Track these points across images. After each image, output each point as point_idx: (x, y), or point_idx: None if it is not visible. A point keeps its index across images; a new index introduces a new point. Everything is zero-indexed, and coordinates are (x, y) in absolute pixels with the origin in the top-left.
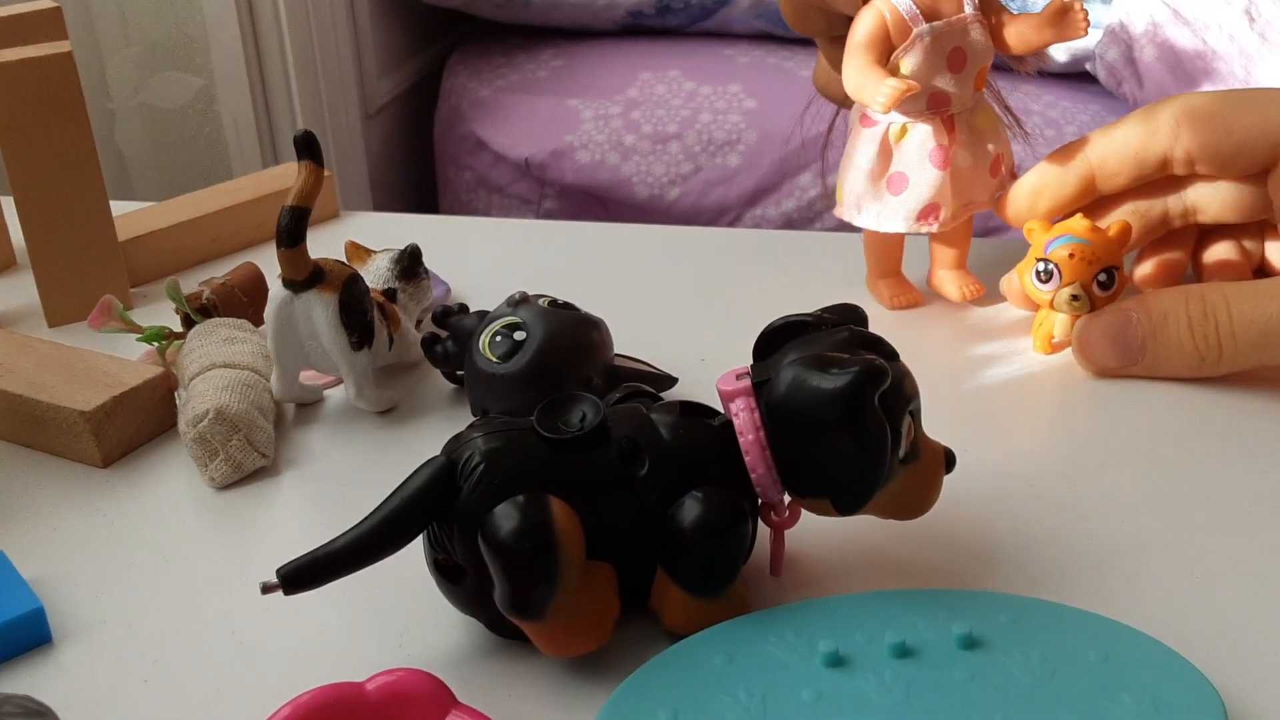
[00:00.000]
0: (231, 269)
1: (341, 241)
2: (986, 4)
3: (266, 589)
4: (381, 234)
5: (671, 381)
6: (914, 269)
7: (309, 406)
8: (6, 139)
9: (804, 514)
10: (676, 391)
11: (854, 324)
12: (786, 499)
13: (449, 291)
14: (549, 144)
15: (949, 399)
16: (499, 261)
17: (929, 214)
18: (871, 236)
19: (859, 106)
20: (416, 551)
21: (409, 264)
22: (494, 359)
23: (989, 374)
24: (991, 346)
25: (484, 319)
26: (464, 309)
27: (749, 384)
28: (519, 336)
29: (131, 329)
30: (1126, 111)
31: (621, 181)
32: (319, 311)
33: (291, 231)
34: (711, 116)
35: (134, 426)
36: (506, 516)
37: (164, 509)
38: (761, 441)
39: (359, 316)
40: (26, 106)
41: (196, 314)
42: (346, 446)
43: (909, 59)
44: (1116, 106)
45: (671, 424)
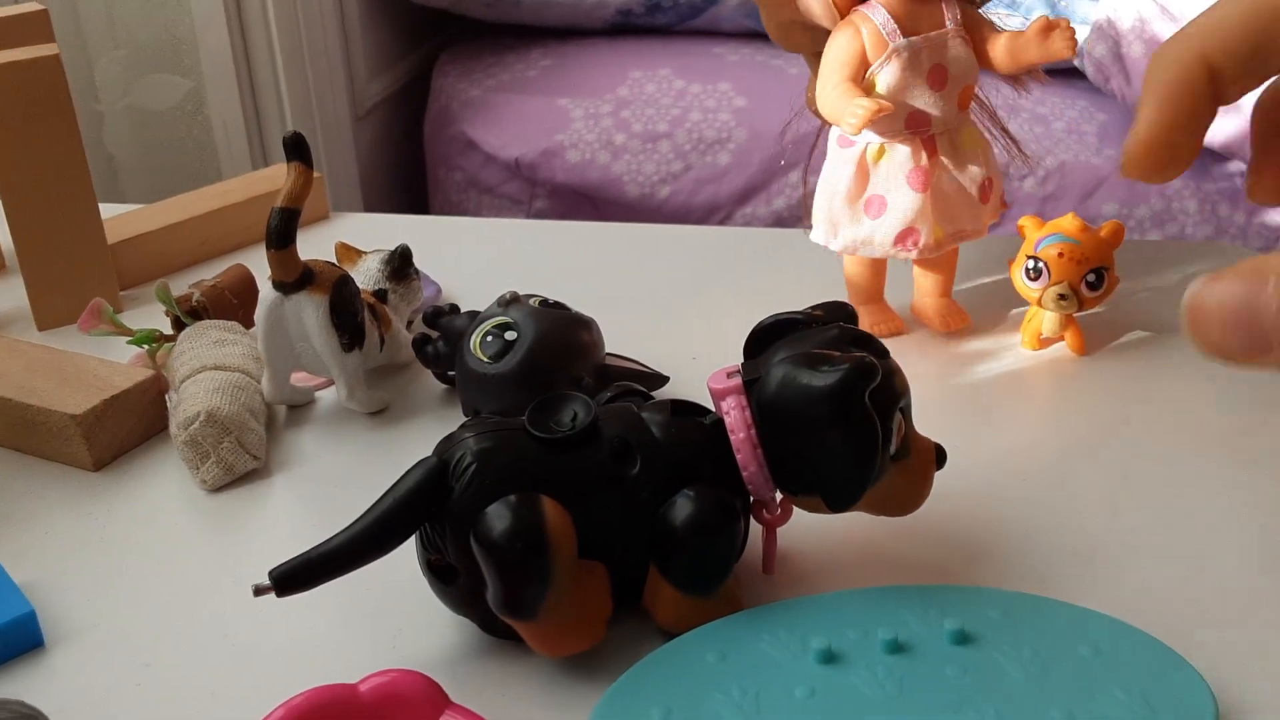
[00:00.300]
0: (221, 271)
1: (332, 243)
2: (970, 20)
3: (259, 591)
4: (372, 235)
5: (663, 380)
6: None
7: (300, 408)
8: None
9: (796, 511)
10: (668, 390)
11: (844, 321)
12: (778, 496)
13: (440, 292)
14: (539, 143)
15: (939, 395)
16: (490, 261)
17: (906, 238)
18: (851, 262)
19: (836, 130)
20: (409, 553)
21: (399, 265)
22: (485, 359)
23: (979, 370)
24: (981, 343)
25: (475, 319)
26: (455, 309)
27: (740, 382)
28: (510, 336)
29: (122, 332)
30: (1114, 108)
31: (612, 180)
32: (310, 313)
33: (281, 233)
34: (701, 115)
35: (125, 429)
36: (499, 516)
37: (156, 512)
38: (753, 439)
39: (350, 318)
40: (14, 110)
41: (187, 316)
42: (338, 448)
43: (885, 74)
44: (1104, 102)
45: (662, 423)
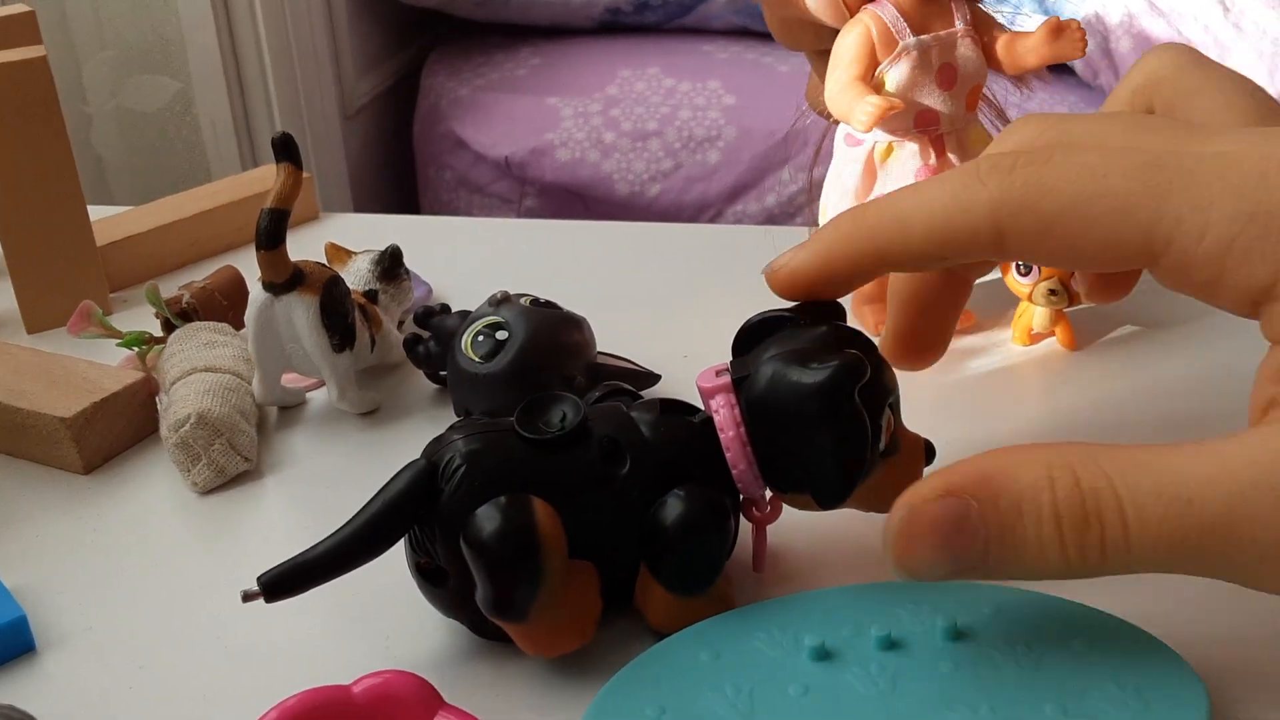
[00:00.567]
0: (211, 272)
1: (322, 243)
2: (980, 21)
3: (248, 597)
4: (361, 235)
5: (654, 379)
6: None
7: (291, 409)
8: None
9: (786, 509)
10: (660, 388)
11: (833, 319)
12: (768, 495)
13: (430, 292)
14: (529, 142)
15: (929, 391)
16: (480, 261)
17: None
18: None
19: (844, 128)
20: (401, 554)
21: (390, 265)
22: (476, 359)
23: (969, 366)
24: (971, 339)
25: (466, 319)
26: (445, 309)
27: (728, 380)
28: (501, 336)
29: (111, 334)
30: (1103, 103)
31: (602, 179)
32: (300, 314)
33: (271, 234)
34: (691, 113)
35: (115, 432)
36: (488, 518)
37: (147, 515)
38: (742, 438)
39: (340, 318)
40: (1, 112)
41: (176, 318)
42: (330, 449)
43: (894, 72)
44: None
45: (652, 422)
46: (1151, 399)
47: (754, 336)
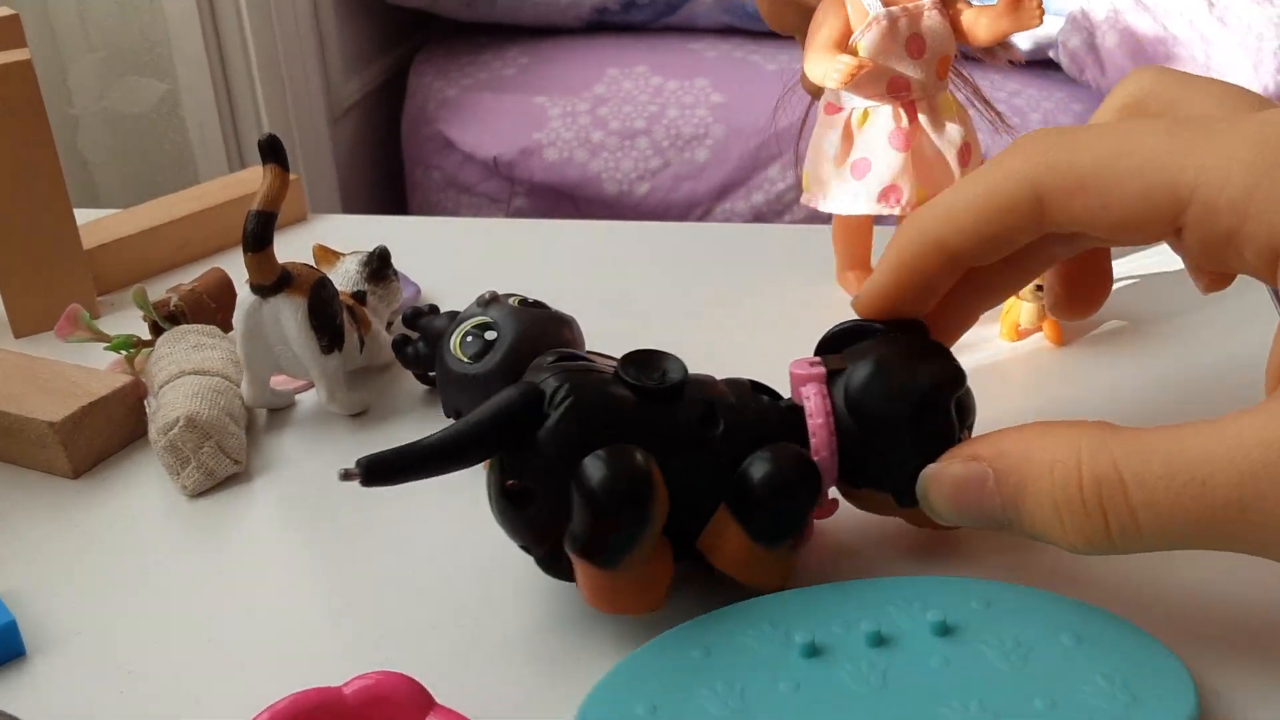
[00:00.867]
0: (199, 275)
1: (310, 245)
2: None
3: (347, 476)
4: (350, 236)
5: None
6: None
7: (281, 411)
8: None
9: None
10: None
11: (919, 335)
12: (832, 490)
13: (419, 292)
14: (517, 142)
15: None
16: (469, 261)
17: (890, 194)
18: (839, 227)
19: (826, 96)
20: (393, 556)
21: (378, 266)
22: (465, 359)
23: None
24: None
25: (454, 319)
26: (434, 310)
27: (823, 371)
28: (490, 336)
29: (99, 338)
30: (1090, 98)
31: (590, 178)
32: (288, 316)
33: (258, 236)
34: (679, 111)
35: (104, 436)
36: (609, 460)
37: (136, 518)
38: (830, 427)
39: (328, 320)
40: None
41: (165, 321)
42: (319, 450)
43: (866, 40)
44: (1080, 93)
45: (742, 396)
46: (1138, 394)
47: (840, 342)
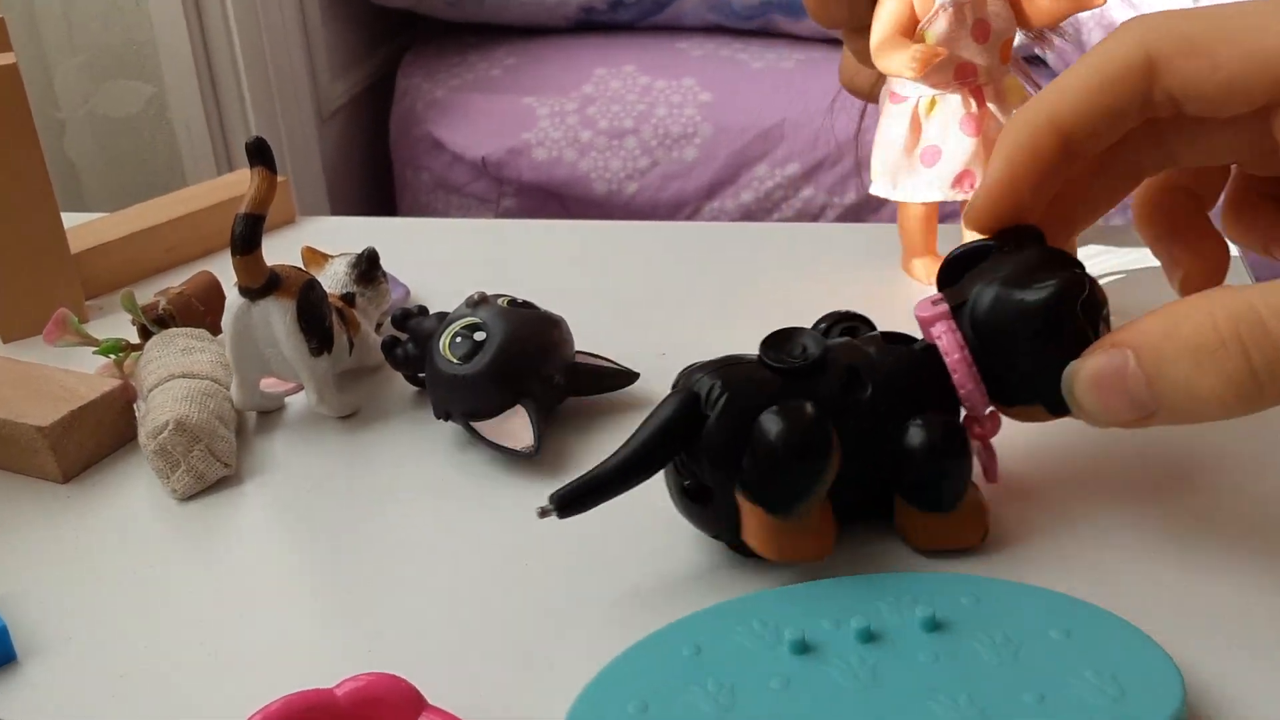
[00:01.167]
0: (188, 278)
1: (298, 247)
2: None
3: (544, 513)
4: (338, 238)
5: (633, 377)
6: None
7: (270, 414)
8: None
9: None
10: (638, 386)
11: (1035, 243)
12: (988, 411)
13: (408, 294)
14: (505, 142)
15: None
16: (457, 262)
17: (963, 180)
18: (905, 215)
19: (888, 86)
20: (384, 558)
21: (366, 267)
22: (454, 360)
23: None
24: None
25: (443, 320)
26: (423, 311)
27: (946, 308)
28: (479, 337)
29: (88, 342)
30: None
31: (579, 178)
32: (277, 318)
33: (246, 239)
34: (667, 110)
35: (93, 440)
36: (790, 415)
37: (127, 522)
38: (967, 359)
39: (317, 322)
40: None
41: (153, 325)
42: (310, 453)
43: (934, 28)
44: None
45: (879, 351)
46: None
47: (958, 268)
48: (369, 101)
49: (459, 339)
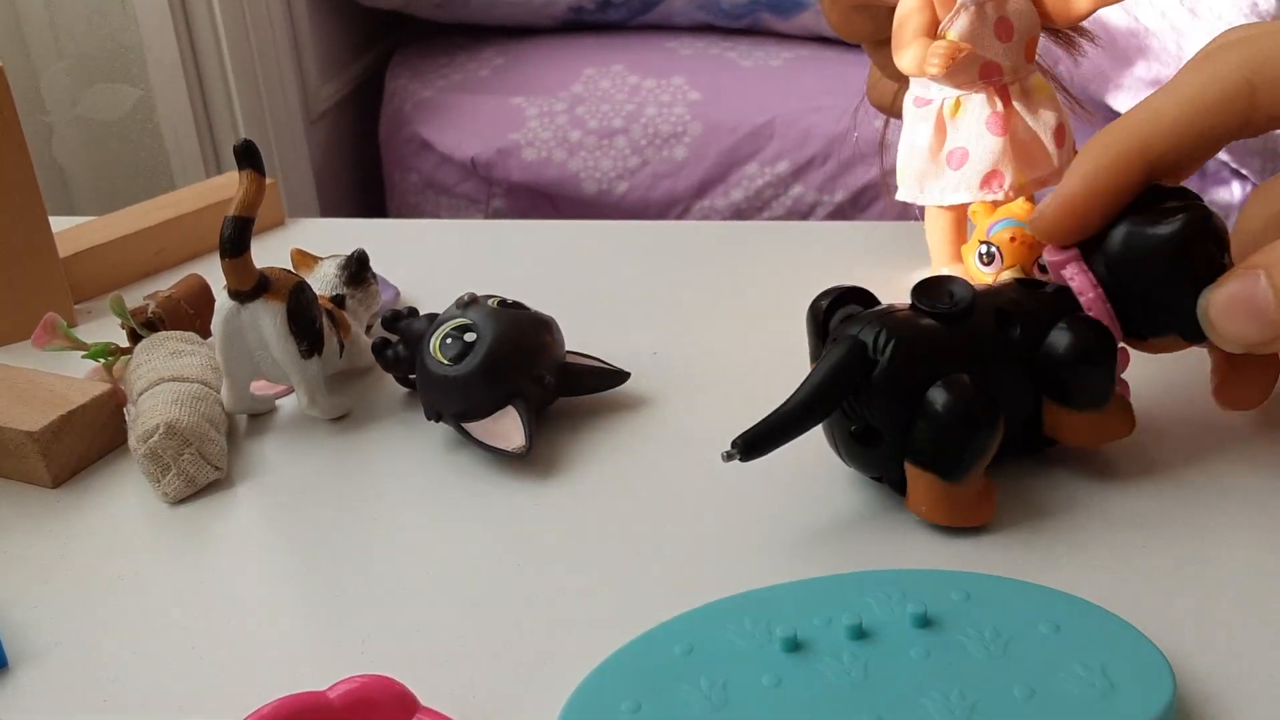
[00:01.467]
0: (176, 281)
1: (288, 249)
2: None
3: (727, 457)
4: (327, 240)
5: (624, 377)
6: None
7: (261, 417)
8: None
9: (749, 503)
10: (630, 386)
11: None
12: (1120, 346)
13: (398, 295)
14: (495, 143)
15: None
16: (448, 263)
17: (991, 180)
18: (934, 221)
19: (911, 91)
20: (376, 560)
21: (356, 269)
22: (445, 361)
23: None
24: None
25: (434, 322)
26: (413, 312)
27: (1076, 250)
28: (469, 338)
29: (77, 346)
30: (1057, 77)
31: (569, 178)
32: (267, 321)
33: (235, 242)
34: (656, 110)
35: (83, 445)
36: (958, 387)
37: (118, 527)
38: (1101, 296)
39: (307, 324)
40: None
41: (142, 328)
42: (301, 455)
43: (955, 27)
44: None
45: (1019, 294)
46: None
47: None
48: (357, 103)
49: (449, 340)
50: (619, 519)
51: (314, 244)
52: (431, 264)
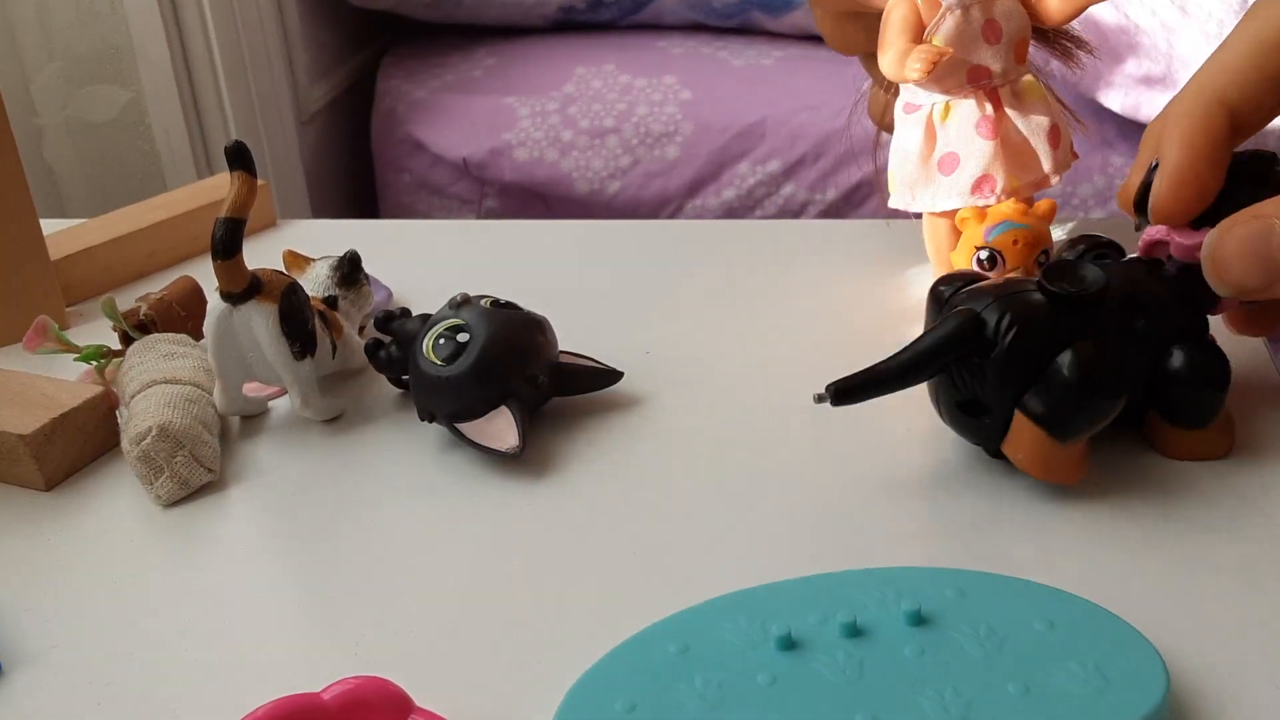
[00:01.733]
0: (168, 283)
1: (280, 250)
2: None
3: (819, 399)
4: (320, 241)
5: (617, 376)
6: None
7: (254, 418)
8: None
9: (742, 501)
10: (623, 385)
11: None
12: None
13: (391, 296)
14: (487, 143)
15: None
16: (440, 263)
17: (983, 185)
18: (933, 230)
19: (901, 96)
20: (370, 561)
21: (348, 270)
22: (438, 362)
23: None
24: None
25: (427, 322)
26: (406, 313)
27: (1208, 229)
28: (462, 338)
29: (69, 349)
30: (1056, 88)
31: (561, 177)
32: (259, 322)
33: (227, 244)
34: (648, 109)
35: (76, 448)
36: (1093, 353)
37: (111, 530)
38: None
39: (300, 325)
40: None
41: (135, 331)
42: (294, 457)
43: (941, 31)
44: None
45: (1144, 276)
46: None
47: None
48: (349, 104)
49: (442, 340)
50: (613, 518)
51: (306, 245)
52: (424, 264)
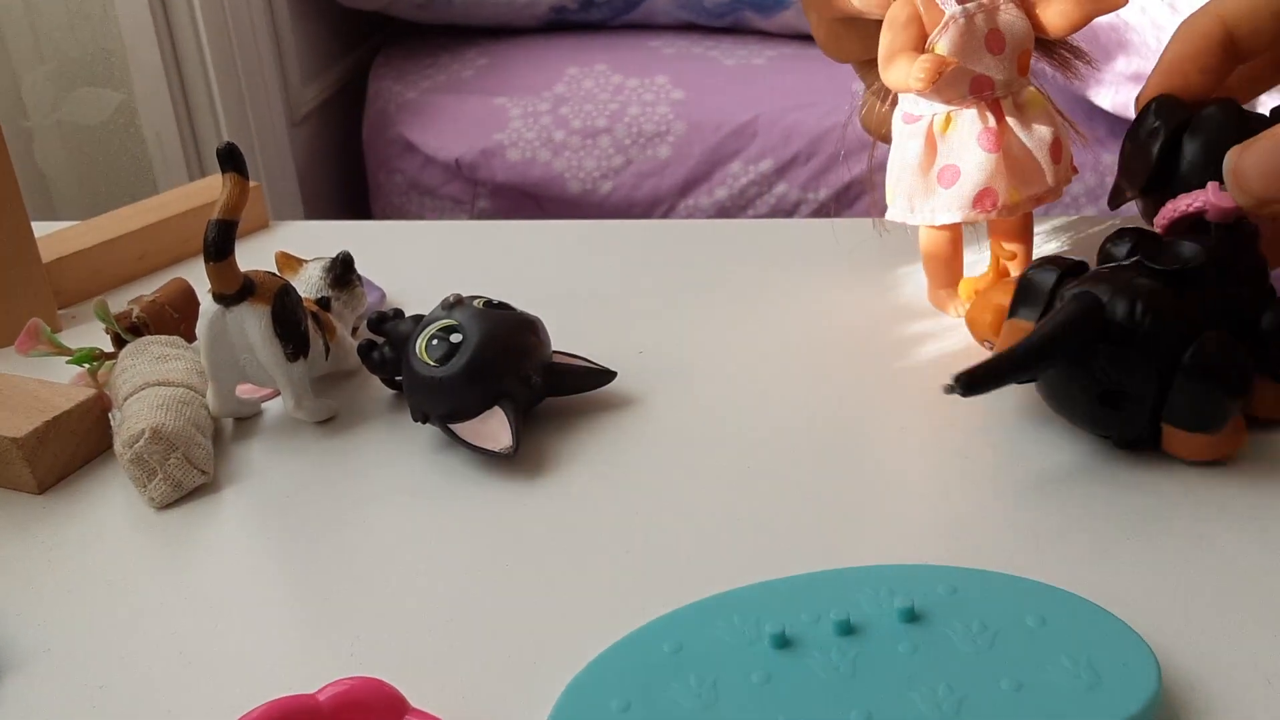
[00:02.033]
0: (161, 286)
1: (272, 252)
2: None
3: (949, 390)
4: (312, 243)
5: (610, 376)
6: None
7: (247, 420)
8: None
9: (734, 500)
10: (616, 385)
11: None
12: None
13: (384, 297)
14: (479, 143)
15: (880, 375)
16: (433, 264)
17: (984, 199)
18: (929, 244)
19: (901, 105)
20: (364, 561)
21: (341, 271)
22: (431, 362)
23: (922, 350)
24: (925, 324)
25: (420, 323)
26: (399, 314)
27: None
28: (455, 339)
29: (61, 352)
30: (1046, 86)
31: (553, 178)
32: (252, 324)
33: (219, 245)
34: (640, 109)
35: (69, 451)
36: (1217, 348)
37: (104, 532)
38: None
39: (292, 327)
40: None
41: (127, 333)
42: (288, 458)
43: (944, 41)
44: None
45: (1229, 251)
46: None
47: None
48: (341, 105)
49: (435, 341)
50: (607, 518)
51: (298, 246)
52: (417, 265)
